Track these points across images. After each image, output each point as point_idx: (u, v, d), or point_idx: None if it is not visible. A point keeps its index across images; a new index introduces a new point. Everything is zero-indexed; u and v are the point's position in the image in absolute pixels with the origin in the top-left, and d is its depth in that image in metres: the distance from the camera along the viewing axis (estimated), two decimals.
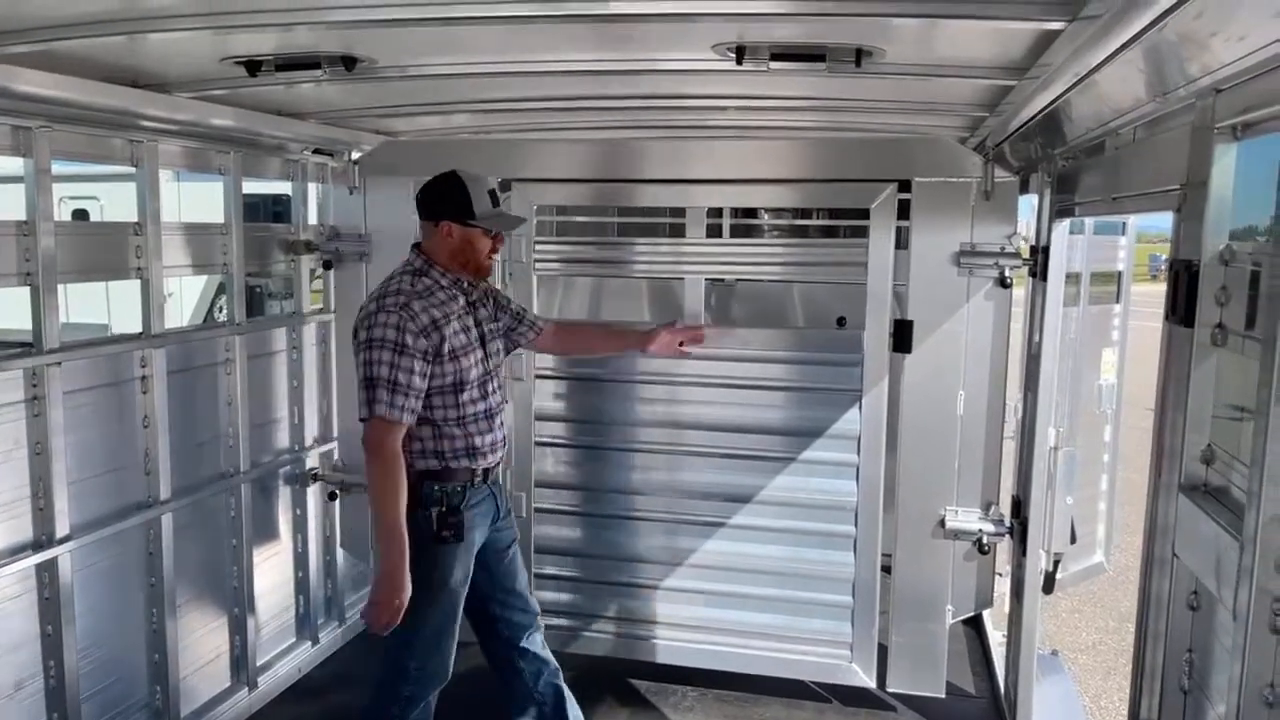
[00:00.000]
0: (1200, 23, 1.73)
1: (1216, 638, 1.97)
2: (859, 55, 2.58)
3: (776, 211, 5.43)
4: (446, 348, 3.09)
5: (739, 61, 2.64)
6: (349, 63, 2.86)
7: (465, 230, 3.19)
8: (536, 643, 3.51)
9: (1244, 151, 1.93)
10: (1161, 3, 1.57)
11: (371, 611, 3.03)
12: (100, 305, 10.27)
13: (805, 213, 5.23)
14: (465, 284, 3.25)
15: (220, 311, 14.61)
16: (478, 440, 3.20)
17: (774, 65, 2.64)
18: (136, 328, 3.68)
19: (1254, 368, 1.92)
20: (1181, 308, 2.03)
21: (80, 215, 9.99)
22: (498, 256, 3.40)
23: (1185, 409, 2.04)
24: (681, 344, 3.97)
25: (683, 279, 4.26)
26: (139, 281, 3.66)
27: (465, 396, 3.16)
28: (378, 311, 3.05)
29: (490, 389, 3.28)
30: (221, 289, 14.44)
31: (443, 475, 3.16)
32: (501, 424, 3.34)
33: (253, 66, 2.89)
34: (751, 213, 5.76)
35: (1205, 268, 1.98)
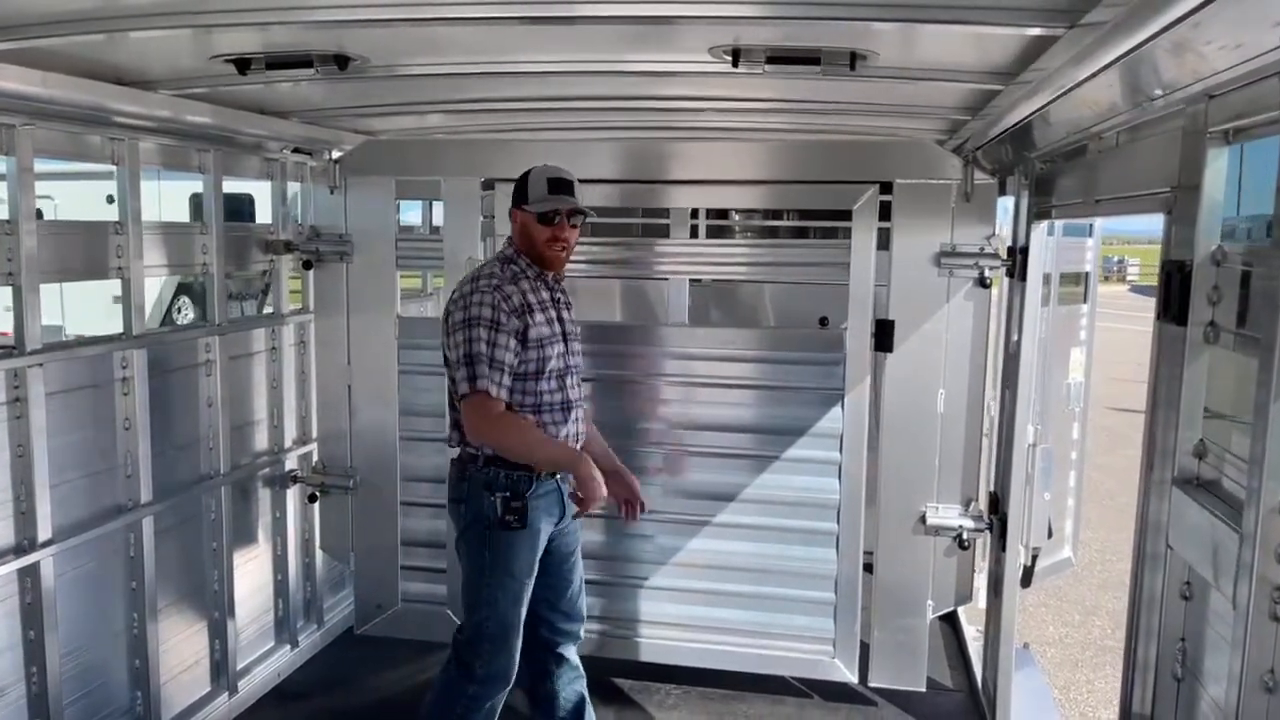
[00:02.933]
0: (1198, 31, 1.78)
1: (1210, 626, 2.03)
2: (853, 59, 2.62)
3: (760, 213, 5.49)
4: (532, 334, 3.17)
5: (735, 64, 2.67)
6: (341, 61, 2.84)
7: (522, 216, 3.28)
8: (572, 651, 3.59)
9: (1235, 155, 1.99)
10: (1170, 13, 1.62)
11: (586, 502, 3.11)
12: (54, 307, 10.06)
13: (788, 214, 5.29)
14: (551, 277, 3.34)
15: (179, 313, 14.35)
16: (551, 430, 3.25)
17: (769, 68, 2.67)
18: (92, 330, 3.61)
19: (1244, 363, 1.99)
20: (1175, 307, 2.10)
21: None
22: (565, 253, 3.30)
23: (1179, 405, 2.10)
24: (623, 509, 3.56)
25: (667, 279, 4.29)
26: (119, 281, 3.62)
27: (544, 385, 3.23)
28: (473, 293, 3.15)
29: (570, 383, 3.33)
30: (180, 290, 14.21)
31: (512, 462, 3.20)
32: (578, 419, 3.37)
33: (243, 65, 2.87)
34: (729, 214, 5.80)
35: (1198, 268, 2.04)
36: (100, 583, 3.55)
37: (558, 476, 3.28)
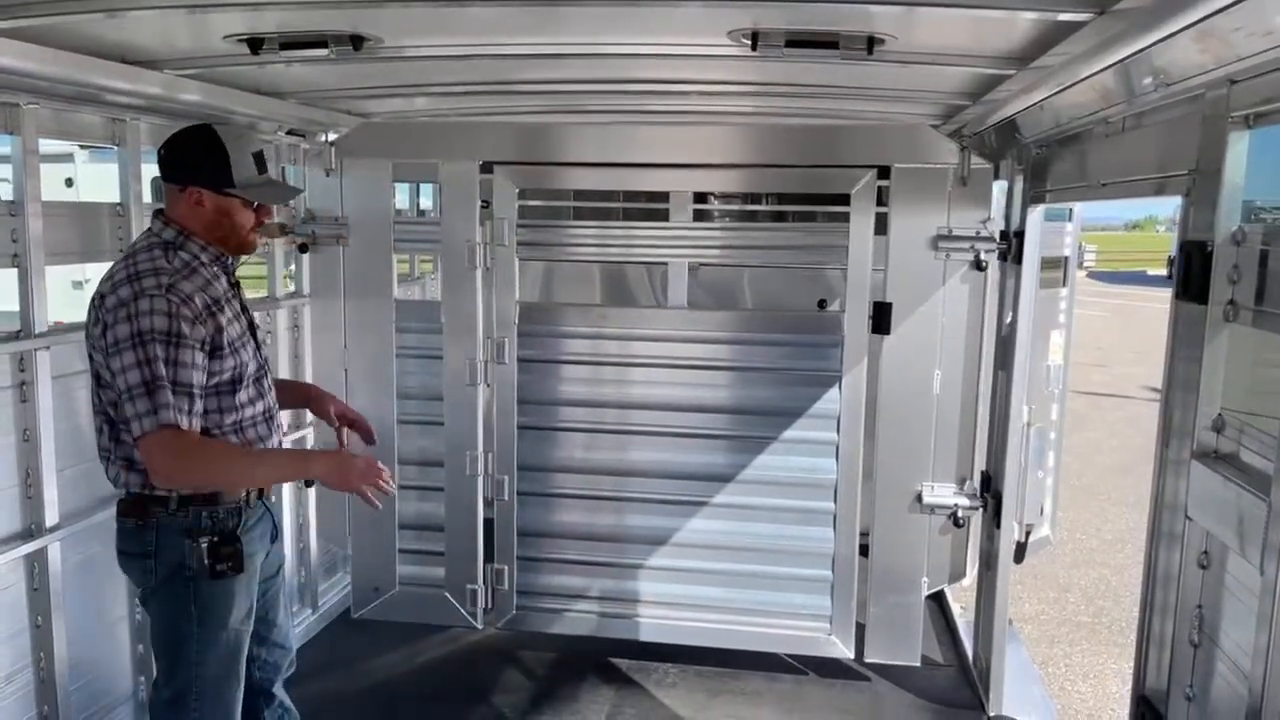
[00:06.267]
0: (1226, 19, 1.83)
1: (1229, 590, 2.12)
2: (870, 43, 2.65)
3: (761, 197, 5.54)
4: (224, 338, 2.62)
5: (754, 47, 2.69)
6: (356, 42, 2.82)
7: (220, 200, 2.66)
8: (280, 687, 3.11)
9: (1256, 139, 2.06)
10: (1208, 3, 1.67)
11: (361, 493, 2.68)
12: (9, 292, 9.85)
13: (787, 198, 5.33)
14: (228, 261, 2.76)
15: None
16: (256, 448, 2.78)
17: (788, 51, 2.69)
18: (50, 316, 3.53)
19: (1262, 338, 2.07)
20: (1195, 286, 2.16)
21: None
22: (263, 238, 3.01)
23: (1198, 382, 2.18)
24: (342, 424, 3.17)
25: (666, 264, 4.32)
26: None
27: (243, 396, 2.71)
28: (136, 297, 2.48)
29: (266, 385, 2.84)
30: None
31: (212, 497, 2.65)
32: (280, 426, 2.93)
33: (255, 44, 2.84)
34: (705, 198, 5.85)
35: (1219, 249, 2.11)
36: (104, 568, 3.49)
37: (264, 497, 2.83)
